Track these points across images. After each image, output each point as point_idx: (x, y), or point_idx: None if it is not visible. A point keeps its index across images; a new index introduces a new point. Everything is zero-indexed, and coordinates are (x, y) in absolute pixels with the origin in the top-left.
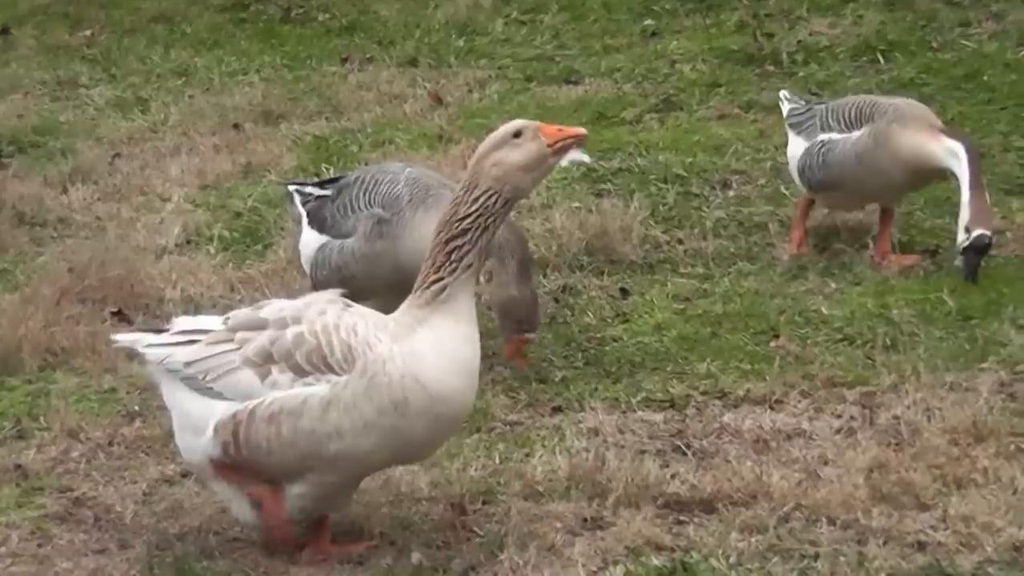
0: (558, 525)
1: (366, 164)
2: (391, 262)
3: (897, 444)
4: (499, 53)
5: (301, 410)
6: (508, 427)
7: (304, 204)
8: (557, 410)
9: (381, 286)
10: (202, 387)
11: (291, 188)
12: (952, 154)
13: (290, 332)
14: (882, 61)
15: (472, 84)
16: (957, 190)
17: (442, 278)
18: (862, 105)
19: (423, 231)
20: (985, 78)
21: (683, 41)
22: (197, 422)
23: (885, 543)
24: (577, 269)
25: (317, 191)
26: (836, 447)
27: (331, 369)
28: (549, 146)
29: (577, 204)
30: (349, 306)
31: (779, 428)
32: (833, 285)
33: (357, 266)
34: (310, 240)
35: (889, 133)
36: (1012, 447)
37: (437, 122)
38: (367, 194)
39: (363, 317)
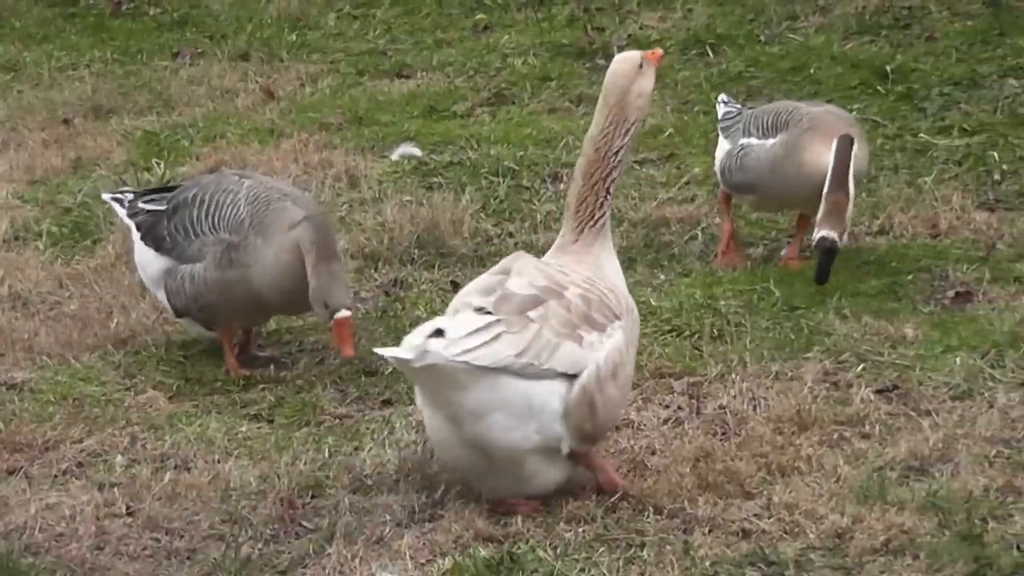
0: (387, 518)
1: (197, 158)
2: (245, 289)
3: (723, 433)
4: (331, 47)
5: (624, 359)
6: (338, 420)
7: (131, 215)
8: (387, 403)
9: (238, 309)
10: (537, 372)
11: (108, 197)
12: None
13: (572, 296)
14: (711, 54)
15: (304, 78)
16: None
17: (604, 214)
18: (781, 112)
19: (270, 257)
20: (812, 71)
21: (515, 35)
22: (538, 405)
23: (710, 531)
24: (408, 263)
25: (147, 206)
26: (663, 437)
27: (616, 316)
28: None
29: (408, 198)
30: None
31: None
32: (662, 277)
33: (212, 295)
34: (150, 260)
35: (798, 145)
36: (835, 435)
37: (269, 116)
38: (209, 217)
39: (579, 267)
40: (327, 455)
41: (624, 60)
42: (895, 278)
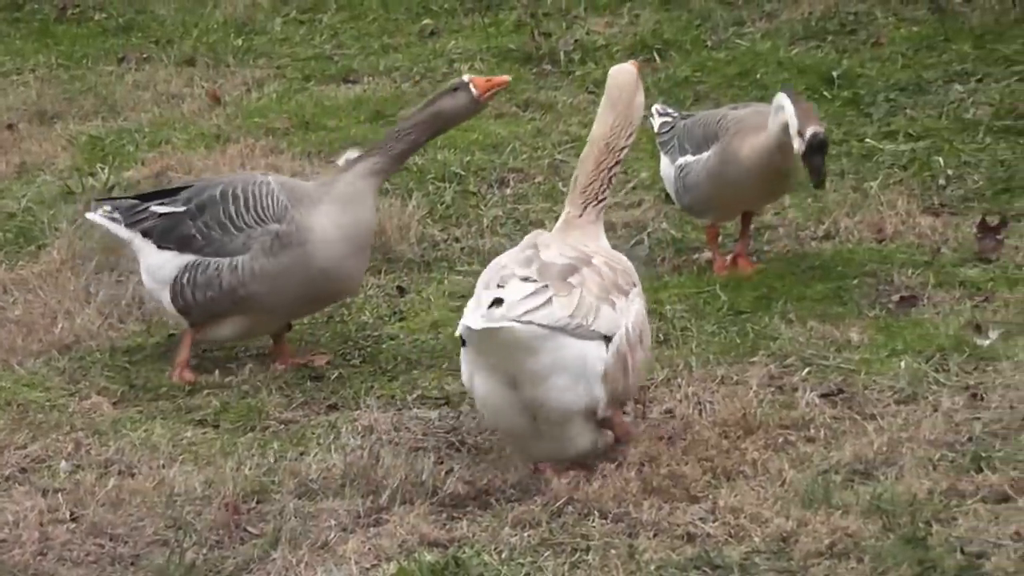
0: (332, 523)
1: (143, 163)
2: (302, 270)
3: (668, 438)
4: (277, 52)
5: (645, 324)
6: (283, 425)
7: (133, 224)
8: (332, 408)
9: (283, 302)
10: (586, 332)
11: (98, 218)
12: (778, 107)
13: (600, 264)
14: (658, 60)
15: (250, 83)
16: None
17: (605, 197)
18: (709, 123)
19: (321, 220)
20: (758, 76)
21: (461, 40)
22: (591, 364)
23: (655, 535)
24: None
25: (161, 208)
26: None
27: (634, 283)
28: None
29: None
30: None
31: None
32: None
33: (257, 285)
34: (166, 260)
35: (732, 150)
36: (780, 439)
37: (215, 122)
38: (251, 209)
39: (587, 240)
40: (272, 460)
41: (626, 72)
42: (840, 282)
